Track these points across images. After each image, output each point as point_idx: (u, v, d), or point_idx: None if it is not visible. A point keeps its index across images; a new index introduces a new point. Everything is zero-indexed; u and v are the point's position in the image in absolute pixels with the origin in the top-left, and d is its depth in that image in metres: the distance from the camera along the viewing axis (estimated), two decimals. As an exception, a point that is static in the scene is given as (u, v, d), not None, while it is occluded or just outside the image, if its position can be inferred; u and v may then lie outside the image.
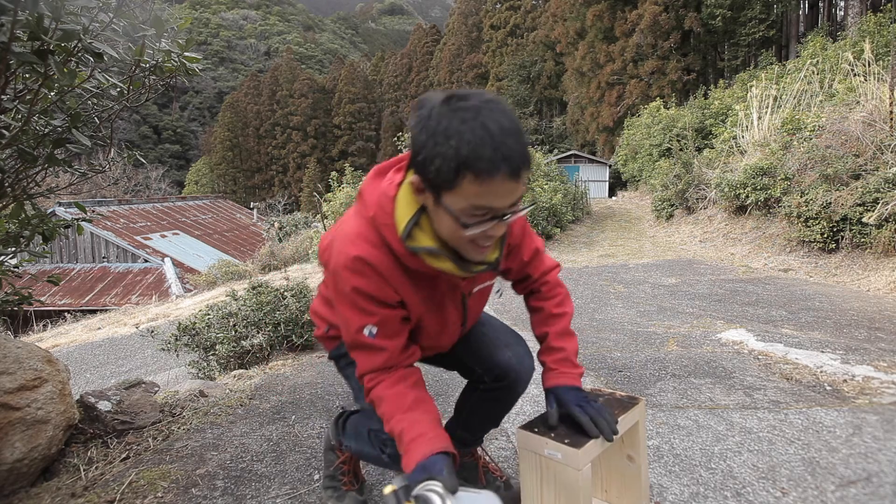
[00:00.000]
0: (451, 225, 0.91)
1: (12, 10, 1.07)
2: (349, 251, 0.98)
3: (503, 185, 0.85)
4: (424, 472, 0.89)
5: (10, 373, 1.50)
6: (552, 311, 1.25)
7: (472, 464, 1.41)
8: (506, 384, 1.26)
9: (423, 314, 1.09)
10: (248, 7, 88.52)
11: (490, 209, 0.88)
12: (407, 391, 1.03)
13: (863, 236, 4.92)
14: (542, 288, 1.28)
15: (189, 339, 3.06)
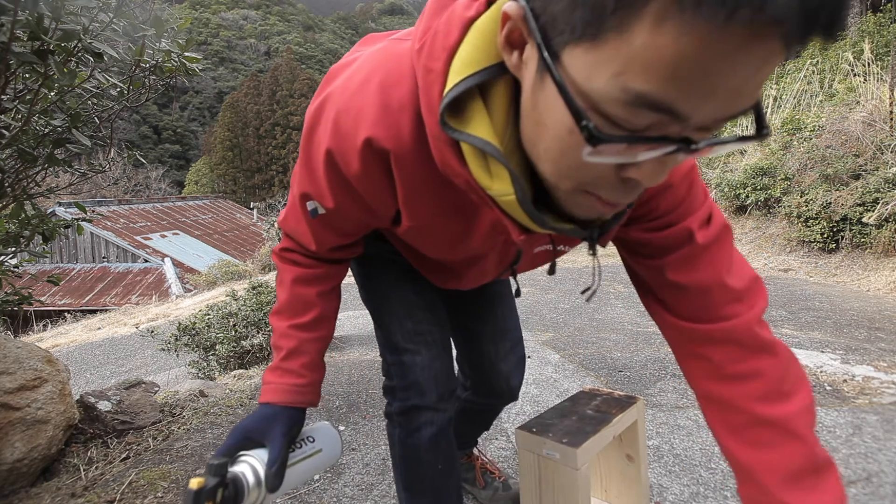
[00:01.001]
0: (565, 127, 0.42)
1: (12, 10, 1.07)
2: (356, 128, 0.56)
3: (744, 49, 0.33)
4: (258, 431, 0.72)
5: (10, 373, 1.50)
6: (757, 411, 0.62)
7: (470, 465, 1.41)
8: (490, 403, 1.17)
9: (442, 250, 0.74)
10: (248, 7, 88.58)
11: (676, 110, 0.37)
12: (314, 299, 0.79)
13: (863, 236, 4.92)
14: (724, 346, 0.65)
15: (189, 339, 3.06)
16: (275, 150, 48.22)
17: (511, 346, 1.09)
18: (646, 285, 0.72)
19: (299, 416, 0.77)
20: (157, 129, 60.71)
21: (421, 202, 0.62)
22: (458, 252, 0.73)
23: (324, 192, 0.65)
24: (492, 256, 0.75)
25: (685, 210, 0.64)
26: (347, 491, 1.45)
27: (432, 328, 0.89)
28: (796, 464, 0.59)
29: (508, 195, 0.50)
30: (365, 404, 2.12)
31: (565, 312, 3.95)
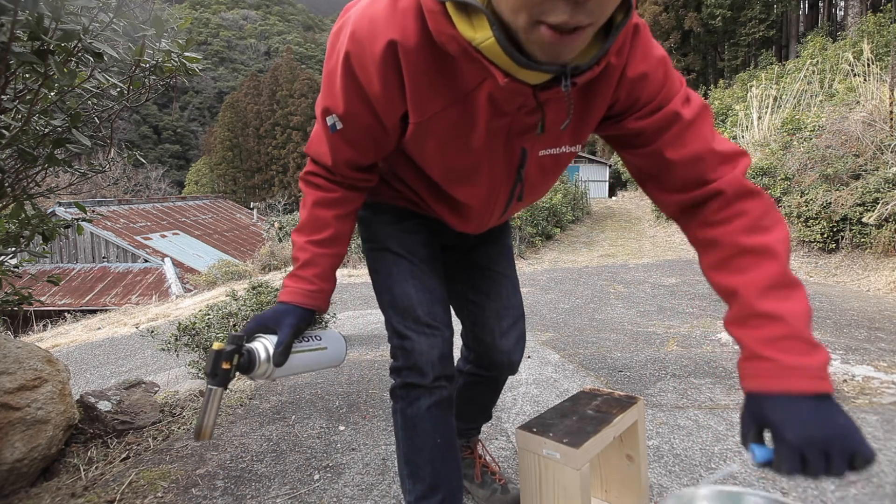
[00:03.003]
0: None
1: (12, 10, 1.07)
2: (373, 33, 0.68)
3: None
4: (272, 320, 0.86)
5: (10, 373, 1.50)
6: (741, 241, 0.71)
7: (471, 461, 1.41)
8: (492, 375, 1.22)
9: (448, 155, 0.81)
10: (248, 7, 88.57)
11: None
12: (330, 220, 0.90)
13: (863, 236, 4.92)
14: (710, 202, 0.75)
15: (189, 339, 3.06)
16: (275, 150, 48.19)
17: (513, 323, 1.14)
18: (646, 173, 0.81)
19: (308, 315, 0.90)
20: (157, 129, 60.70)
21: (426, 93, 0.72)
22: (463, 154, 0.81)
23: (339, 100, 0.76)
24: (498, 163, 0.82)
25: (666, 94, 0.75)
26: (347, 491, 1.45)
27: (432, 319, 0.97)
28: (772, 279, 0.68)
29: (489, 38, 0.61)
30: (365, 404, 2.12)
31: (565, 312, 3.95)
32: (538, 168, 0.86)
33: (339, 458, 1.65)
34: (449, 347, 0.99)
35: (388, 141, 0.83)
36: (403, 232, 1.02)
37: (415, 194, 0.98)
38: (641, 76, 0.74)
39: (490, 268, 1.13)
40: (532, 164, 0.84)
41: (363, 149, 0.85)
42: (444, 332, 0.98)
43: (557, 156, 0.85)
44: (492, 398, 1.34)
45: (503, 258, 1.15)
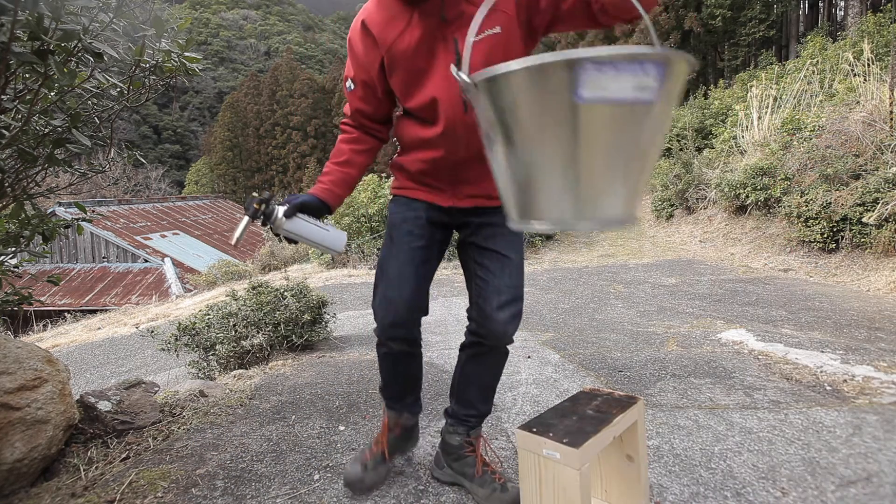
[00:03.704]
0: None
1: (12, 10, 1.07)
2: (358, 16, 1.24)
3: None
4: (293, 200, 1.25)
5: (10, 373, 1.50)
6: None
7: (472, 459, 1.41)
8: (489, 345, 1.35)
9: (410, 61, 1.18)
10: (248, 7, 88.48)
11: None
12: (346, 151, 1.35)
13: (863, 236, 4.92)
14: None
15: (189, 339, 3.06)
16: (275, 150, 48.16)
17: (510, 300, 1.28)
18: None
19: (318, 202, 1.29)
20: (157, 129, 60.67)
21: (384, 30, 1.18)
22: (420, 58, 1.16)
23: (350, 68, 1.29)
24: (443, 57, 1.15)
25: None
26: (348, 491, 1.45)
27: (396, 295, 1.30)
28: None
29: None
30: (365, 404, 2.12)
31: (565, 312, 3.95)
32: (483, 54, 1.10)
33: (339, 458, 1.65)
34: (401, 318, 1.31)
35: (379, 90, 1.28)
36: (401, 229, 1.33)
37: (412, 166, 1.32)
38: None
39: (497, 251, 1.30)
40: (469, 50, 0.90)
41: (367, 100, 1.31)
42: (400, 306, 1.30)
43: (488, 40, 1.11)
44: (489, 381, 1.42)
45: (510, 245, 1.31)
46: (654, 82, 0.65)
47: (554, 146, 0.69)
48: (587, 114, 0.66)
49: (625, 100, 0.65)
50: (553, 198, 0.73)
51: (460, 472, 1.42)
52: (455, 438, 1.43)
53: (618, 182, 0.72)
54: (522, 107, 0.70)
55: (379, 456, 1.47)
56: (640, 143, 0.70)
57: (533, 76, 0.67)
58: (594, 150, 0.68)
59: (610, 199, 0.73)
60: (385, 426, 1.51)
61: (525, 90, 0.68)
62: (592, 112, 0.66)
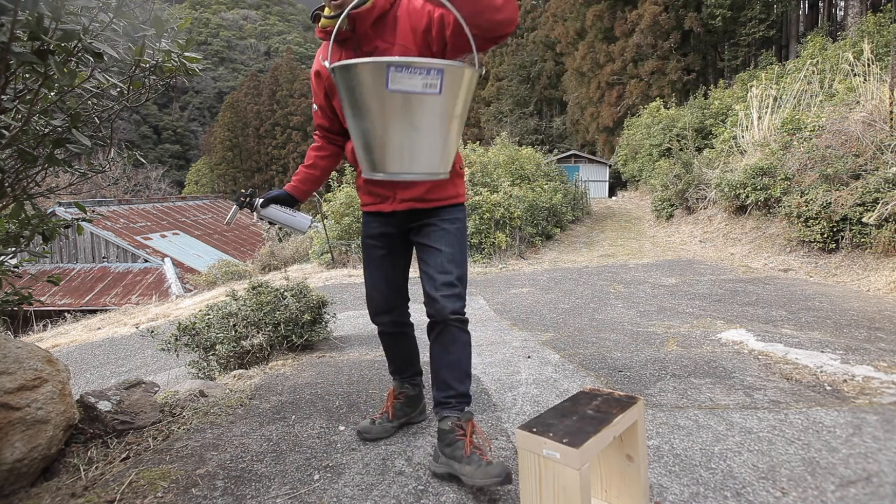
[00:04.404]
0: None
1: (12, 10, 1.07)
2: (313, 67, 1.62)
3: None
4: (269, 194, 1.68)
5: (10, 373, 1.50)
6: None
7: (462, 443, 1.46)
8: (437, 319, 1.55)
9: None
10: (248, 7, 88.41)
11: None
12: (312, 156, 1.74)
13: (863, 236, 4.92)
14: None
15: (189, 339, 3.06)
16: (275, 150, 48.16)
17: (446, 282, 1.53)
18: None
19: (288, 196, 1.71)
20: (157, 129, 60.64)
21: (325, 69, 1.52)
22: None
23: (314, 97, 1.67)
24: None
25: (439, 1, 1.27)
26: (347, 491, 1.45)
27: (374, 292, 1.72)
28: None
29: (331, 16, 1.44)
30: (365, 404, 2.12)
31: (565, 312, 3.95)
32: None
33: (339, 458, 1.65)
34: (381, 309, 1.73)
35: (329, 111, 1.66)
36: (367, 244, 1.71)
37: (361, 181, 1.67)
38: (419, 7, 1.40)
39: (432, 245, 1.57)
40: None
41: (324, 118, 1.69)
42: (379, 300, 1.72)
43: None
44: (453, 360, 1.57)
45: (443, 240, 1.56)
46: (437, 81, 1.03)
47: (377, 117, 1.06)
48: (392, 98, 1.03)
49: (415, 90, 1.03)
50: (384, 155, 1.10)
51: (451, 457, 1.46)
52: (446, 423, 1.53)
53: (426, 145, 1.10)
54: (357, 89, 1.05)
55: (385, 416, 1.81)
56: (438, 118, 1.08)
57: (364, 70, 1.03)
58: (402, 122, 1.05)
59: (423, 158, 1.12)
60: (391, 394, 1.85)
61: (360, 78, 1.03)
62: (396, 97, 1.03)
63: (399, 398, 1.84)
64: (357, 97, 1.06)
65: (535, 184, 9.96)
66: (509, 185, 8.90)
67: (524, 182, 10.16)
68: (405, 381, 1.86)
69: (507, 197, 8.17)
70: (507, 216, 7.94)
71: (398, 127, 1.06)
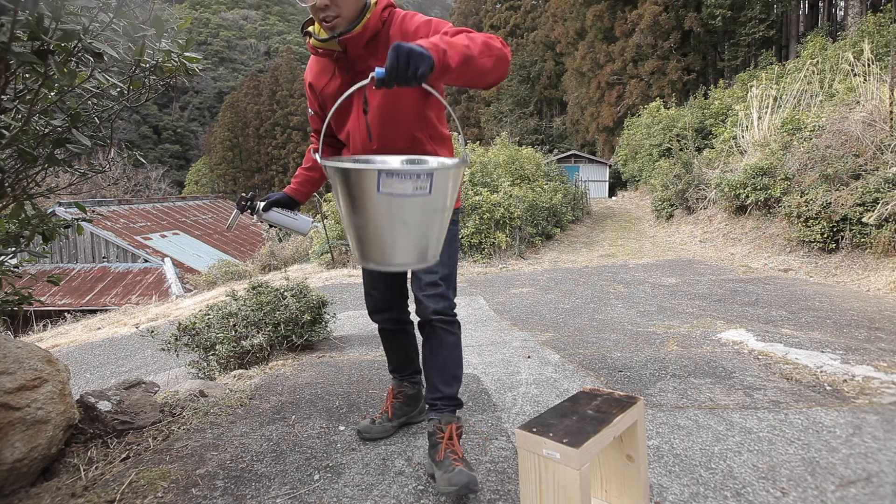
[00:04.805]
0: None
1: (12, 10, 1.07)
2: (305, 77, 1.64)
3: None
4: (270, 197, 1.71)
5: (10, 373, 1.50)
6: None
7: (439, 445, 1.47)
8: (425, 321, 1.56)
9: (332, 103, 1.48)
10: (248, 7, 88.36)
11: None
12: (310, 158, 1.72)
13: (863, 236, 4.92)
14: None
15: (189, 339, 3.06)
16: (275, 150, 48.17)
17: (428, 283, 1.55)
18: None
19: (287, 198, 1.74)
20: (157, 129, 60.64)
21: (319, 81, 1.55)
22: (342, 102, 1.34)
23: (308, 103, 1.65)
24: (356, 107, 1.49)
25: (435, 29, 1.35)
26: (347, 491, 1.46)
27: (371, 291, 1.75)
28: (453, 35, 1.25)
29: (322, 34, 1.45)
30: (365, 404, 2.12)
31: (565, 312, 3.95)
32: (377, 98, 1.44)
33: (339, 458, 1.65)
34: (378, 308, 1.76)
35: (322, 116, 1.61)
36: None
37: None
38: (413, 30, 1.38)
39: None
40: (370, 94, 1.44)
41: (318, 122, 1.66)
42: (377, 299, 1.75)
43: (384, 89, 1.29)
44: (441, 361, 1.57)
45: None
46: (426, 184, 1.05)
47: (368, 215, 1.08)
48: (383, 199, 1.04)
49: (406, 194, 1.05)
50: (375, 249, 1.13)
51: (431, 458, 1.48)
52: (430, 425, 1.54)
53: (416, 239, 1.12)
54: (348, 189, 1.07)
55: (385, 416, 1.82)
56: (428, 215, 1.10)
57: (355, 174, 1.05)
58: (393, 220, 1.08)
59: (414, 250, 1.14)
60: (391, 393, 1.86)
61: (352, 180, 1.06)
62: (385, 199, 1.04)
63: (398, 397, 1.84)
64: (348, 195, 1.08)
65: (535, 184, 9.96)
66: (509, 185, 8.90)
67: (524, 182, 10.16)
68: (404, 379, 1.86)
69: (507, 197, 8.17)
70: (507, 216, 7.94)
71: (388, 224, 1.08)
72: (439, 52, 1.07)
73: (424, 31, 1.36)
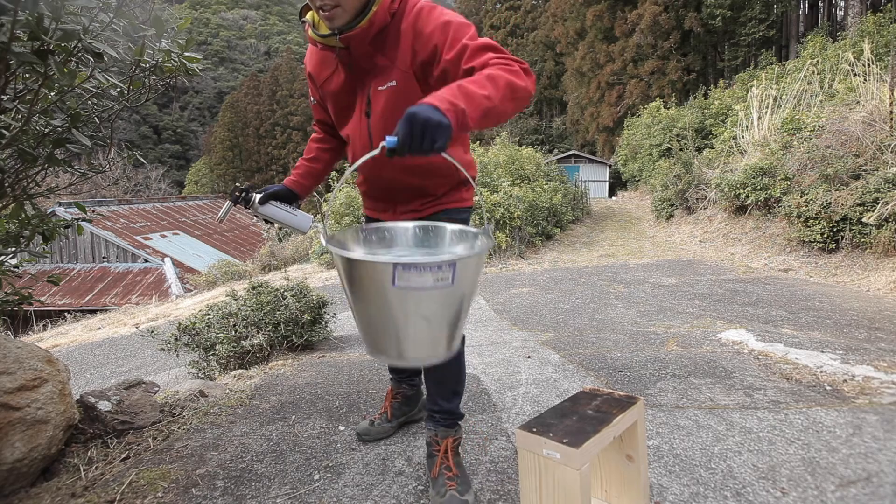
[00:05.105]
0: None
1: (12, 10, 1.07)
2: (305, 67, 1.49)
3: None
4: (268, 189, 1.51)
5: (10, 373, 1.50)
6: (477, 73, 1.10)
7: (435, 459, 1.45)
8: None
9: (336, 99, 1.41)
10: (248, 7, 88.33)
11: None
12: (314, 148, 1.62)
13: (863, 236, 4.92)
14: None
15: (189, 339, 3.06)
16: (275, 150, 48.15)
17: None
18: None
19: (289, 192, 1.55)
20: (157, 129, 60.62)
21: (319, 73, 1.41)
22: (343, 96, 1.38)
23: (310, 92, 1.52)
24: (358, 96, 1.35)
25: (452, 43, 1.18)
26: (347, 491, 1.45)
27: None
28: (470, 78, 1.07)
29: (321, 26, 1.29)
30: (365, 404, 2.12)
31: (565, 312, 3.95)
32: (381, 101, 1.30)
33: (339, 458, 1.65)
34: None
35: (323, 107, 1.51)
36: None
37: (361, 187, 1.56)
38: (428, 34, 1.20)
39: None
40: (374, 96, 1.31)
41: (321, 112, 1.56)
42: None
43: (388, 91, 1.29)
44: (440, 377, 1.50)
45: None
46: (448, 274, 0.91)
47: (381, 309, 0.94)
48: (398, 293, 0.90)
49: (425, 287, 0.90)
50: (388, 343, 0.99)
51: (428, 467, 1.49)
52: (427, 436, 1.54)
53: (435, 333, 0.98)
54: (358, 280, 0.94)
55: (384, 416, 1.81)
56: (449, 307, 0.97)
57: (367, 266, 0.92)
58: (410, 314, 0.94)
59: (431, 345, 1.00)
60: (389, 393, 1.85)
61: (362, 272, 0.93)
62: (402, 293, 0.90)
63: (397, 398, 1.83)
64: (358, 287, 0.95)
65: (535, 184, 9.96)
66: (509, 185, 8.90)
67: (524, 182, 10.16)
68: (403, 381, 1.84)
69: (507, 197, 8.17)
70: (507, 216, 7.94)
71: (404, 318, 0.95)
72: (458, 115, 0.95)
73: (440, 39, 1.19)
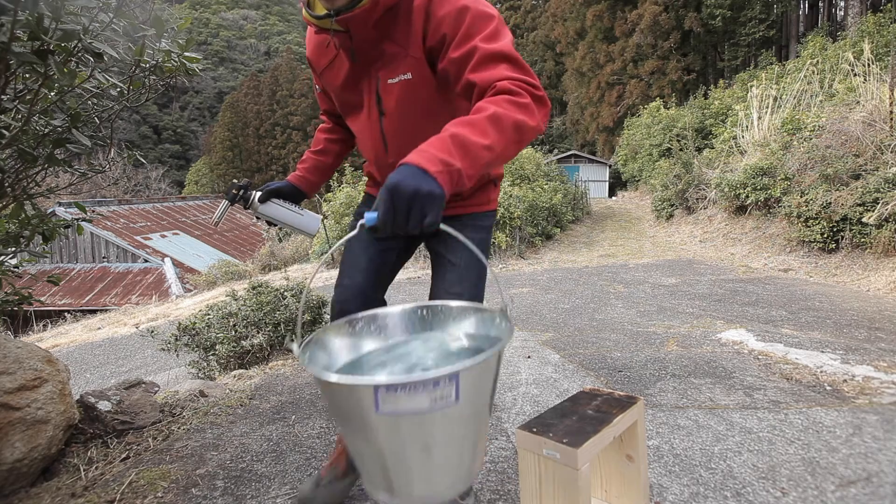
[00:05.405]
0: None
1: (12, 10, 1.07)
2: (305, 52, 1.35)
3: None
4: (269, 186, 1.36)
5: (10, 373, 1.50)
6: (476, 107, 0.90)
7: None
8: None
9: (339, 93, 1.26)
10: (248, 7, 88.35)
11: None
12: (322, 140, 1.47)
13: (863, 236, 4.92)
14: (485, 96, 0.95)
15: (189, 339, 3.06)
16: (275, 151, 48.14)
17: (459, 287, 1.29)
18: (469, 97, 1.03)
19: (293, 188, 1.40)
20: (157, 129, 60.62)
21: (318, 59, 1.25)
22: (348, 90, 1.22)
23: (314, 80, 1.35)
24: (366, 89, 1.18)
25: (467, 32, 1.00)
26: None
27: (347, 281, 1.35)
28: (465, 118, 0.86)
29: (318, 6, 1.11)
30: (365, 404, 2.11)
31: (565, 312, 3.95)
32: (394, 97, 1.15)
33: (339, 458, 1.65)
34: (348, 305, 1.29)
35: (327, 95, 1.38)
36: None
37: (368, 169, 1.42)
38: (440, 18, 1.02)
39: (444, 255, 1.31)
40: (385, 92, 1.15)
41: (326, 101, 1.42)
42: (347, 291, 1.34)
43: (401, 84, 1.13)
44: None
45: (459, 251, 1.28)
46: (450, 391, 0.68)
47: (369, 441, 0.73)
48: (386, 421, 0.69)
49: (422, 410, 0.68)
50: (386, 480, 0.77)
51: None
52: None
53: (444, 462, 0.76)
54: (338, 405, 0.74)
55: (336, 471, 1.36)
56: (458, 427, 0.73)
57: (342, 390, 0.70)
58: (406, 445, 0.72)
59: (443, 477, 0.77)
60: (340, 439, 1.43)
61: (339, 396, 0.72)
62: (390, 420, 0.69)
63: None
64: (341, 414, 0.76)
65: (535, 184, 9.96)
66: (509, 185, 8.90)
67: (524, 182, 10.16)
68: None
69: (506, 197, 8.17)
70: (507, 216, 7.94)
71: (400, 451, 0.73)
72: (452, 177, 0.78)
73: (451, 29, 1.02)
